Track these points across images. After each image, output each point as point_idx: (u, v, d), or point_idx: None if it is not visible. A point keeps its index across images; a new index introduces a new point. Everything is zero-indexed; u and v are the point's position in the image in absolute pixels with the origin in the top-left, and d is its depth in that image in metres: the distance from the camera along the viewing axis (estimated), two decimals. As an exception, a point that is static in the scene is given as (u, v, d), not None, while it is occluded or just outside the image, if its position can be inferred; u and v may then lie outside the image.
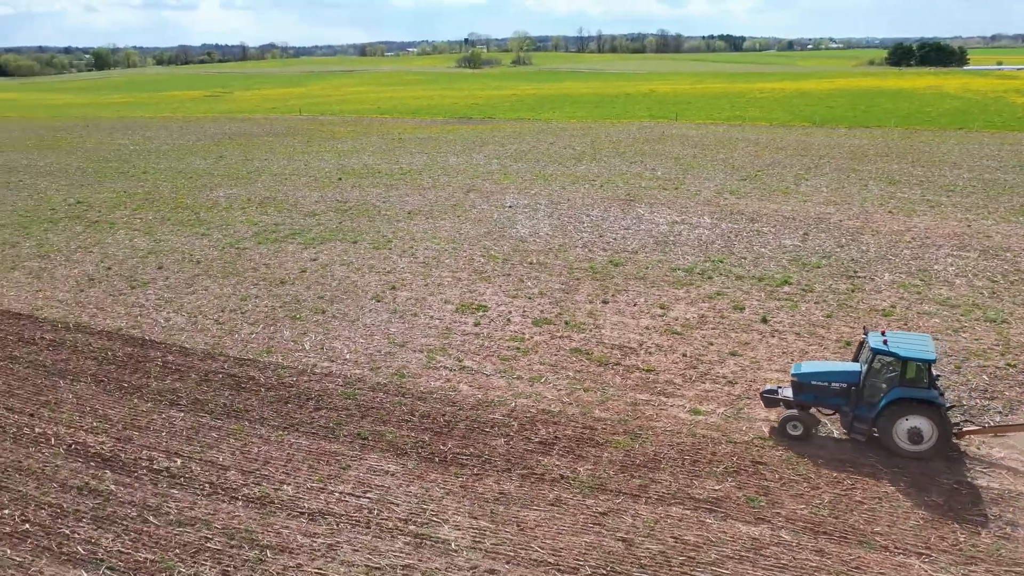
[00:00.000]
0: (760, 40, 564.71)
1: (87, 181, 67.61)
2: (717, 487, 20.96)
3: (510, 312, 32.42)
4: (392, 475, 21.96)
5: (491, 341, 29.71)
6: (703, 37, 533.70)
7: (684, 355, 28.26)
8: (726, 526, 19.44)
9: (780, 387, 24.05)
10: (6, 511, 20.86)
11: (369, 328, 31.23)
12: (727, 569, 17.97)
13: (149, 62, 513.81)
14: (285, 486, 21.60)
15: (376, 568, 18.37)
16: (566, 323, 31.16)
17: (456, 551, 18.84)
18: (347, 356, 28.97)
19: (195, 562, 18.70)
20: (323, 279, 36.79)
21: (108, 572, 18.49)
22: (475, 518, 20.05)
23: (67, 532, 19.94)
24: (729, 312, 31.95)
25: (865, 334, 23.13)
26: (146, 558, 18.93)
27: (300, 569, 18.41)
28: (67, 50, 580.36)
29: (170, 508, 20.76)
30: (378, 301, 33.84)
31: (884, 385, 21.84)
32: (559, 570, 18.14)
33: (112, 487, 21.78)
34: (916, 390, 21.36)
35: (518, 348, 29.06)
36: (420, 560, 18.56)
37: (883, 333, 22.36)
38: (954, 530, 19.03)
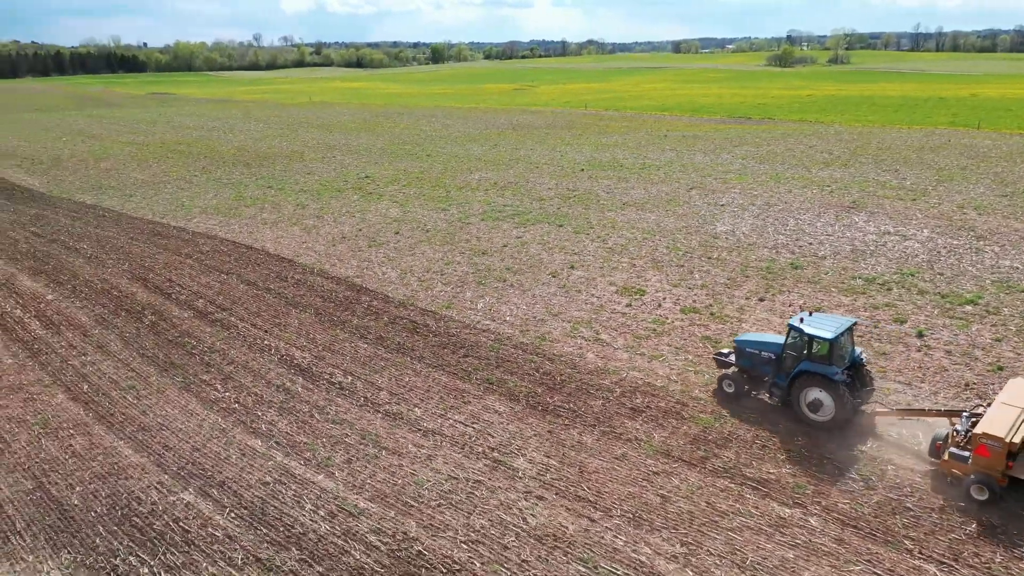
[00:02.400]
0: None
1: (380, 159, 79.48)
2: (772, 471, 22.24)
3: (664, 298, 34.72)
4: (499, 414, 26.08)
5: (633, 321, 32.43)
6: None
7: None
8: (761, 503, 20.88)
9: (732, 352, 26.68)
10: (228, 394, 28.37)
11: (535, 298, 35.49)
12: (741, 537, 19.64)
13: (478, 56, 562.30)
14: (416, 408, 26.70)
15: (454, 478, 22.68)
16: (712, 314, 32.79)
17: (520, 478, 22.53)
18: (507, 318, 33.52)
19: (332, 449, 24.42)
20: (517, 254, 41.71)
21: (275, 444, 24.85)
22: (547, 457, 23.52)
23: (259, 414, 26.81)
24: (886, 323, 31.31)
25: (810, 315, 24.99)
26: (301, 440, 25.05)
27: (400, 468, 23.30)
28: (415, 45, 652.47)
29: (331, 410, 26.82)
30: (553, 276, 37.94)
31: (796, 358, 24.21)
32: (594, 508, 21.06)
33: (299, 389, 28.45)
34: (819, 365, 23.42)
35: (654, 329, 31.49)
36: (489, 479, 22.53)
37: (810, 313, 24.84)
38: (994, 550, 18.72)
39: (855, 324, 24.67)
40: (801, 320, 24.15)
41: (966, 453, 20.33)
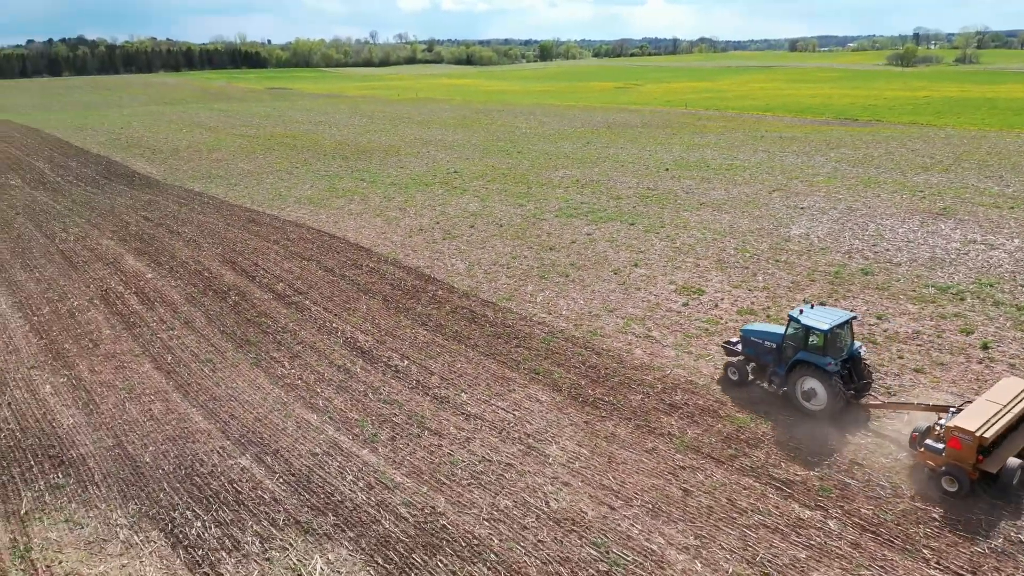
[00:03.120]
0: None
1: (472, 155, 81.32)
2: (800, 473, 22.24)
3: (722, 299, 34.65)
4: (540, 402, 26.97)
5: (687, 320, 32.60)
6: None
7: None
8: (782, 503, 20.99)
9: (739, 341, 27.59)
10: (293, 371, 30.39)
11: (594, 293, 36.09)
12: (756, 534, 19.88)
13: (587, 54, 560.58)
14: (463, 393, 27.92)
15: (487, 460, 23.75)
16: (768, 316, 32.55)
17: (550, 464, 23.38)
18: (563, 312, 34.30)
19: (378, 426, 25.94)
20: (583, 250, 42.34)
21: (328, 419, 26.58)
22: (579, 446, 24.26)
23: (318, 391, 28.65)
24: (951, 333, 30.32)
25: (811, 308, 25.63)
26: (353, 417, 26.68)
27: (439, 448, 24.56)
28: (527, 42, 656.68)
29: (384, 391, 28.38)
30: (615, 273, 38.41)
31: (795, 348, 24.96)
32: (616, 496, 21.70)
33: (358, 370, 30.17)
34: (814, 356, 24.16)
35: (706, 329, 31.59)
36: (520, 463, 23.49)
37: (812, 306, 25.47)
38: (1016, 567, 18.27)
39: (854, 318, 25.18)
40: (801, 312, 25.05)
41: (940, 446, 20.82)
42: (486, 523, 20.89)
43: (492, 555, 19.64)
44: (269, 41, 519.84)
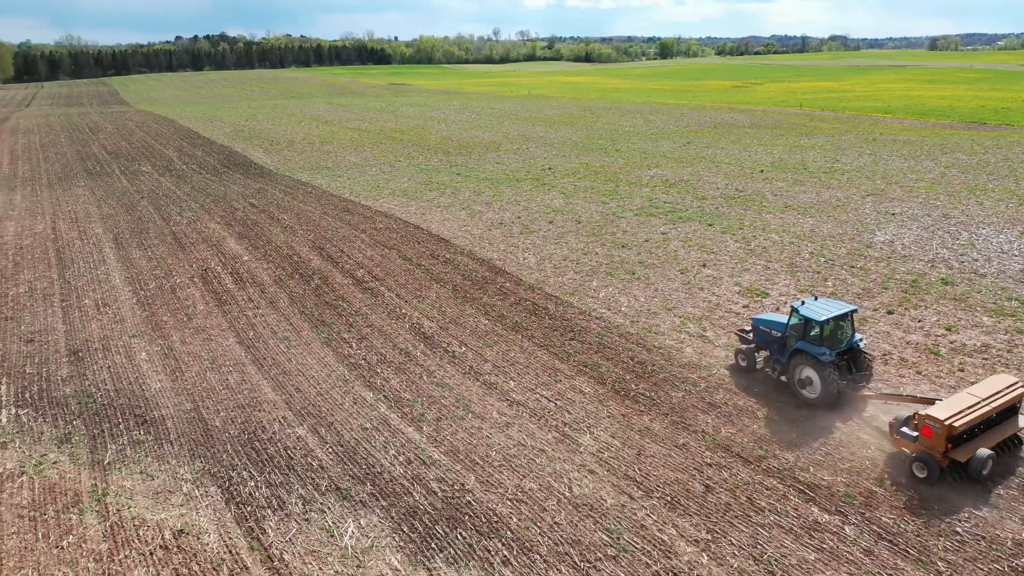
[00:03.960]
0: None
1: (570, 152, 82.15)
2: (827, 478, 22.14)
3: (785, 302, 34.20)
4: (583, 394, 27.74)
5: (744, 322, 32.43)
6: None
7: (918, 373, 27.48)
8: (802, 506, 21.03)
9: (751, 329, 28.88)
10: (359, 351, 32.34)
11: (656, 291, 36.38)
12: (768, 533, 20.07)
13: (709, 52, 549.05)
14: (511, 381, 29.04)
15: (522, 445, 24.79)
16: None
17: (580, 452, 24.18)
18: (623, 308, 34.82)
19: (427, 407, 27.42)
20: (655, 249, 42.54)
21: (382, 398, 28.29)
22: (612, 436, 24.93)
23: (378, 371, 30.44)
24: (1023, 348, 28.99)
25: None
26: (405, 397, 28.29)
27: (480, 430, 25.78)
28: (650, 40, 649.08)
29: (438, 374, 29.87)
30: (681, 273, 38.49)
31: (795, 338, 26.10)
32: (638, 487, 22.30)
33: (418, 354, 31.79)
34: (810, 345, 25.23)
35: (762, 332, 31.37)
36: (552, 449, 24.41)
37: (816, 298, 26.68)
38: (1035, 586, 17.75)
39: (854, 311, 26.10)
40: (803, 303, 26.23)
41: (914, 433, 21.81)
42: (509, 502, 21.93)
43: (508, 532, 20.67)
44: (396, 38, 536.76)
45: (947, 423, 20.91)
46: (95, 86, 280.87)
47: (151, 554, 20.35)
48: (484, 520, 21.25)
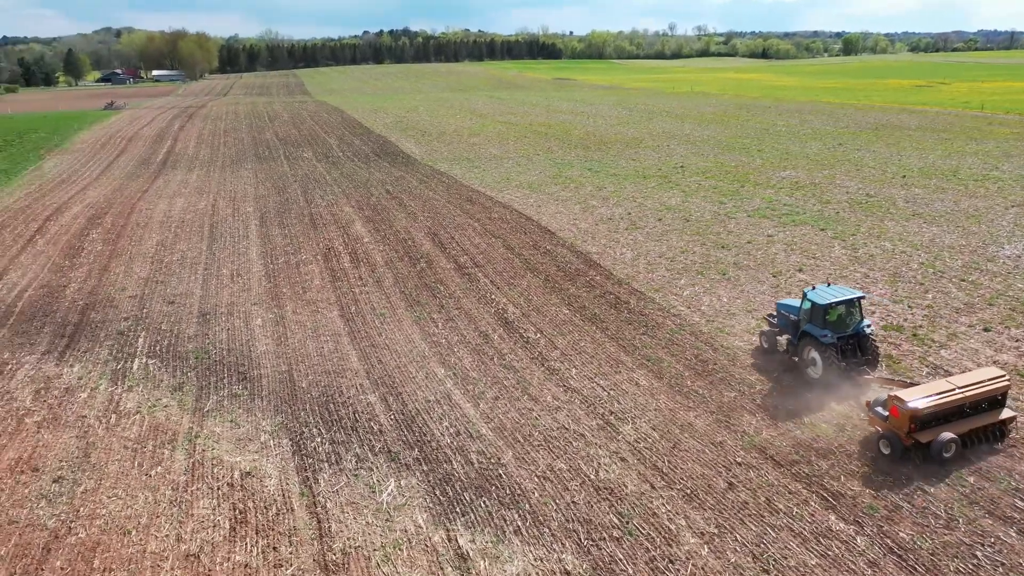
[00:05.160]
0: None
1: (709, 151, 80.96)
2: (855, 488, 21.78)
3: (874, 312, 32.95)
4: (637, 386, 28.46)
5: (823, 328, 31.68)
6: None
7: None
8: (820, 512, 20.91)
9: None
10: (443, 331, 34.52)
11: (741, 293, 36.05)
12: (776, 534, 20.21)
13: (900, 48, 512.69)
14: (574, 369, 30.21)
15: (565, 428, 26.00)
16: (914, 335, 30.58)
17: (617, 439, 25.08)
18: (703, 308, 34.90)
19: (489, 386, 29.18)
20: (754, 251, 41.83)
21: (451, 375, 30.28)
22: (653, 428, 25.60)
23: (454, 351, 32.45)
24: None
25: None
26: (472, 376, 30.17)
27: (530, 412, 27.21)
28: (837, 35, 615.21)
29: (508, 357, 31.50)
30: (774, 276, 37.79)
31: (806, 321, 27.66)
32: (662, 478, 22.95)
33: (496, 337, 33.56)
34: (815, 328, 26.93)
35: (838, 340, 30.55)
36: (592, 434, 25.45)
37: (829, 284, 28.30)
38: (1041, 617, 16.94)
39: (862, 297, 27.56)
40: (813, 288, 27.95)
41: (884, 412, 22.89)
42: (536, 479, 23.25)
43: (527, 505, 22.02)
44: (571, 32, 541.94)
45: (912, 405, 22.07)
46: (285, 77, 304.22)
47: (218, 489, 23.40)
48: (508, 492, 22.69)
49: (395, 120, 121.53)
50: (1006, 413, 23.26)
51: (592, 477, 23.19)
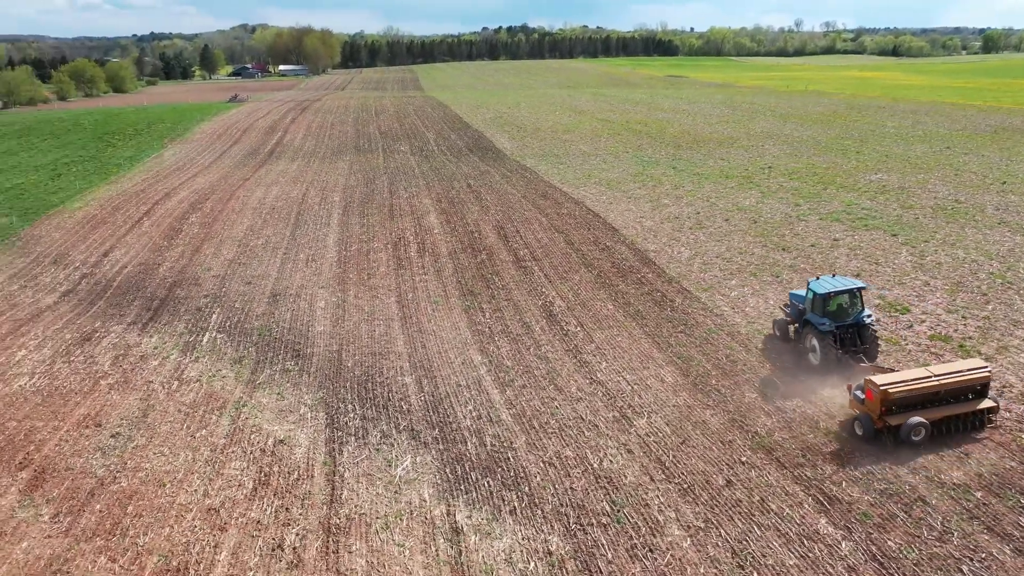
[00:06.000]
0: None
1: (803, 152, 78.62)
2: (853, 494, 21.60)
3: (924, 321, 31.82)
4: (662, 383, 28.84)
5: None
6: None
7: (1030, 409, 24.84)
8: (811, 515, 20.90)
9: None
10: (488, 320, 35.75)
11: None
12: (761, 533, 20.42)
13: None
14: (604, 362, 30.83)
15: (581, 419, 26.78)
16: (960, 346, 29.38)
17: (629, 432, 25.66)
18: (747, 310, 34.65)
19: (519, 374, 30.23)
20: (815, 255, 40.87)
21: (486, 362, 31.47)
22: (666, 423, 26.01)
23: (494, 339, 33.64)
24: None
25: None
26: (506, 364, 31.26)
27: (552, 401, 28.11)
28: (981, 32, 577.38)
29: (544, 348, 32.46)
30: (828, 281, 36.95)
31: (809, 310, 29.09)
32: (662, 471, 23.43)
33: (537, 329, 34.57)
34: (815, 316, 28.37)
35: (880, 348, 29.77)
36: (606, 426, 26.13)
37: (833, 275, 30.22)
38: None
39: (862, 288, 28.75)
40: (817, 279, 29.65)
41: (861, 395, 23.99)
42: (541, 464, 24.17)
43: (527, 487, 22.99)
44: (692, 29, 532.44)
45: (883, 389, 23.18)
46: (402, 73, 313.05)
47: (250, 453, 25.49)
48: (512, 475, 23.71)
49: (495, 116, 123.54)
50: (986, 403, 23.89)
51: (595, 466, 23.87)
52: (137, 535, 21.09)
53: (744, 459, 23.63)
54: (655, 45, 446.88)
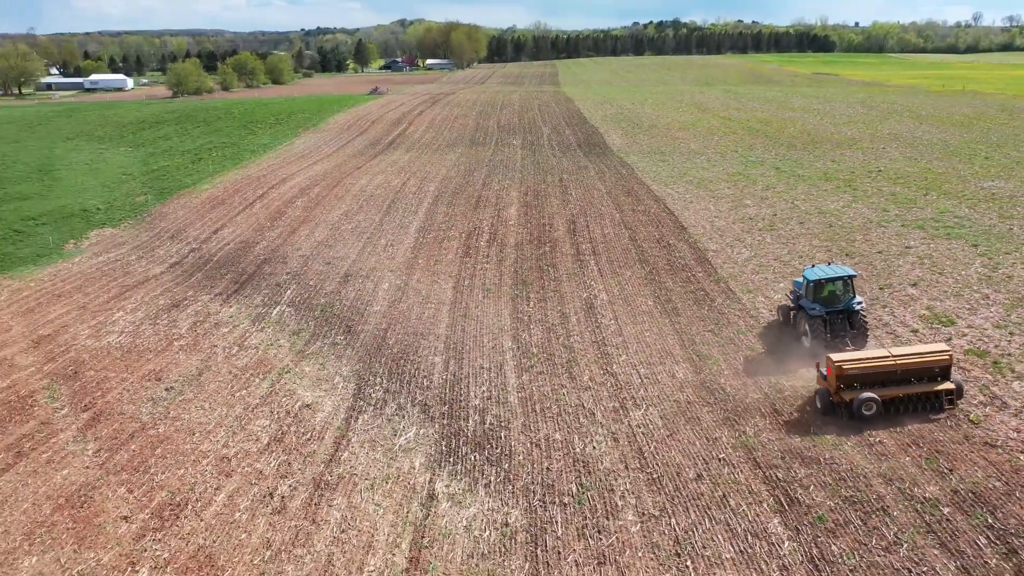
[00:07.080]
0: None
1: (924, 155, 74.29)
2: (820, 499, 21.58)
3: (965, 334, 30.31)
4: (673, 378, 29.37)
5: (896, 344, 29.95)
6: None
7: (1041, 431, 23.57)
8: (765, 514, 21.13)
9: None
10: (530, 309, 37.18)
11: (834, 302, 34.65)
12: (709, 525, 20.93)
13: None
14: (624, 355, 31.64)
15: (582, 406, 27.87)
16: (994, 362, 27.78)
17: (622, 422, 26.52)
18: (785, 312, 34.23)
19: (539, 360, 31.58)
20: (878, 261, 39.31)
21: (515, 348, 33.02)
22: (661, 417, 26.66)
23: (530, 327, 35.07)
24: None
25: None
26: (532, 351, 32.68)
27: (561, 388, 29.31)
28: None
29: (574, 337, 33.58)
30: (880, 289, 35.61)
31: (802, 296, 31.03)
32: (638, 461, 24.25)
33: (573, 320, 35.71)
34: (808, 302, 30.17)
35: (903, 358, 28.88)
36: (601, 415, 27.09)
37: (829, 263, 32.75)
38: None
39: (853, 276, 30.40)
40: (813, 266, 31.79)
41: (824, 371, 25.67)
42: (527, 444, 25.52)
43: (507, 464, 24.45)
44: (857, 24, 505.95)
45: (839, 364, 24.78)
46: (543, 67, 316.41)
47: (276, 413, 28.31)
48: (498, 452, 25.20)
49: (616, 112, 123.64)
50: (945, 385, 24.88)
51: (577, 450, 24.95)
52: (156, 473, 24.24)
53: (722, 456, 23.96)
54: (810, 41, 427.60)
